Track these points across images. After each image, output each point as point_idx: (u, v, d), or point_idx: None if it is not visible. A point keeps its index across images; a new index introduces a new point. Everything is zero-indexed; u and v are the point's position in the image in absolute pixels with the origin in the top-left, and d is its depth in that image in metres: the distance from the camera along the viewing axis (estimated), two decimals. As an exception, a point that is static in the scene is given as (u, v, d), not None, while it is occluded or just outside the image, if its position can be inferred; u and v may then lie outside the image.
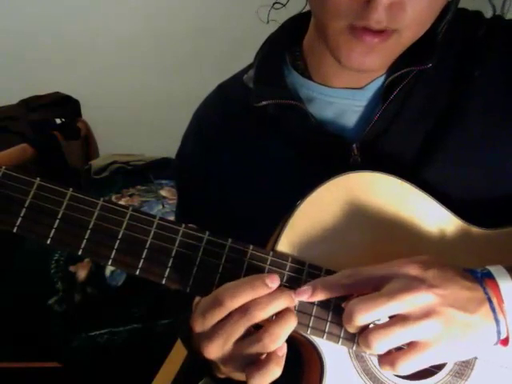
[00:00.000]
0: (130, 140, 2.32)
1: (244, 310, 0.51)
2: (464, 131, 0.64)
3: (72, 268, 1.62)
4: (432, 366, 0.56)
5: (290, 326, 0.51)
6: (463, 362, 0.57)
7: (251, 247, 0.55)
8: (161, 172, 2.01)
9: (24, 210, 0.53)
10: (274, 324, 0.51)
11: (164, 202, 1.83)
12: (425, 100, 0.66)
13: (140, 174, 2.03)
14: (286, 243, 0.57)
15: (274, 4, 0.75)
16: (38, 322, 1.60)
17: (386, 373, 0.56)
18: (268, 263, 0.55)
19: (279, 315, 0.52)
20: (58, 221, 0.53)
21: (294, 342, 0.55)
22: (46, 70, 2.55)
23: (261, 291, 0.51)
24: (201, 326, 0.52)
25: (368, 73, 0.66)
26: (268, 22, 0.75)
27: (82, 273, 1.61)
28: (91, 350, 1.58)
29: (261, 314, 0.51)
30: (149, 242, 0.54)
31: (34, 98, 2.31)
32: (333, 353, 0.56)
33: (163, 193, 1.89)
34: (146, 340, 1.58)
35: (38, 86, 2.30)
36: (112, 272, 1.60)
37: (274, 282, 0.52)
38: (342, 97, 0.68)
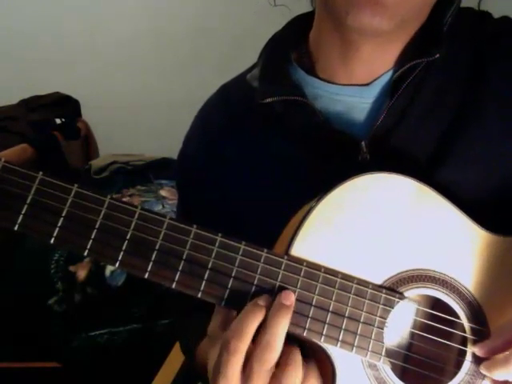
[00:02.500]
0: (129, 140, 2.32)
1: (260, 346, 0.50)
2: (481, 129, 0.63)
3: (72, 268, 1.61)
4: (442, 376, 0.56)
5: (283, 324, 0.51)
6: (475, 371, 0.56)
7: (265, 251, 0.53)
8: (161, 172, 2.00)
9: (26, 206, 0.50)
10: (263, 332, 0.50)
11: (164, 202, 1.82)
12: (434, 96, 0.64)
13: (140, 173, 2.01)
14: (300, 246, 0.54)
15: None
16: (38, 322, 1.60)
17: (397, 382, 0.55)
18: (282, 268, 0.53)
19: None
20: (62, 219, 0.50)
21: (304, 349, 0.54)
22: (45, 70, 2.54)
23: (261, 313, 0.50)
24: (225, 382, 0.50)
25: (372, 35, 0.62)
26: (275, 4, 0.74)
27: (81, 273, 1.60)
28: (91, 350, 1.57)
29: (276, 340, 0.50)
30: (158, 244, 0.51)
31: (34, 98, 2.31)
32: (345, 361, 0.54)
33: (163, 193, 1.89)
34: (146, 340, 1.57)
35: (38, 86, 2.30)
36: (112, 272, 1.60)
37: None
38: (349, 94, 0.67)
